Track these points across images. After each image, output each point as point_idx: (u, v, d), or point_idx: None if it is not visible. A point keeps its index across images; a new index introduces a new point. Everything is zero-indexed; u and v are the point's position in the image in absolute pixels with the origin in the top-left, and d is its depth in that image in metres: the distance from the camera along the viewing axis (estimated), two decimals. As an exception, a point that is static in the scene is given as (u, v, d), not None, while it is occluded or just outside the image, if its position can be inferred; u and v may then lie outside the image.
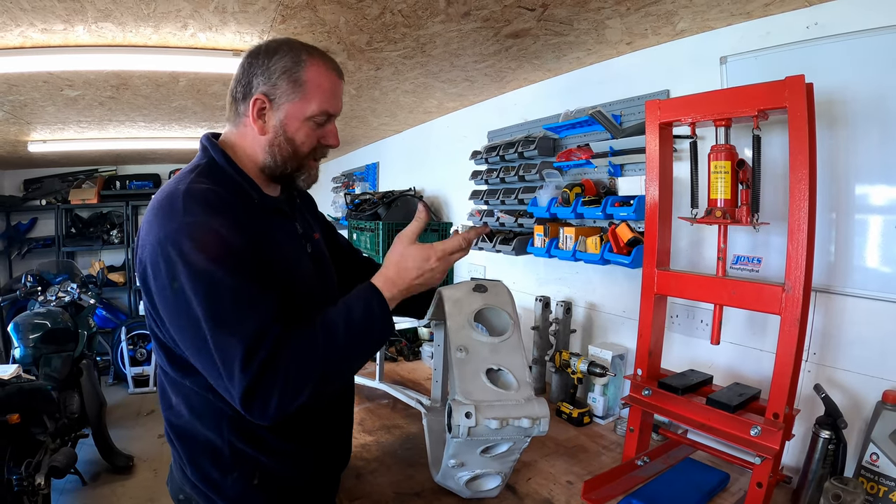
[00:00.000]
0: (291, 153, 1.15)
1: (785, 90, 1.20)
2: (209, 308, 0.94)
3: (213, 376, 0.98)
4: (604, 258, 1.92)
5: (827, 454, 1.31)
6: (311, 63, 1.12)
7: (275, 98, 1.11)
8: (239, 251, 0.99)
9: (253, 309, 0.97)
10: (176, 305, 0.97)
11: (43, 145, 4.03)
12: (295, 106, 1.12)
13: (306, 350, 0.99)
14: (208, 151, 1.14)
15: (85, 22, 1.67)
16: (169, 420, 1.16)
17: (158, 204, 1.03)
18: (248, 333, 0.94)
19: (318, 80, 1.12)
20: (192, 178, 1.06)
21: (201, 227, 0.97)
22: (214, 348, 0.94)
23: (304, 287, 1.18)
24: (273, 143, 1.14)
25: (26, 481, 2.52)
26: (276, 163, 1.15)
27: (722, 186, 1.37)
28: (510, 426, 1.10)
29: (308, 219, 1.37)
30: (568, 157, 2.15)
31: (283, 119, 1.12)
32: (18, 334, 3.41)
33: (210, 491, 1.12)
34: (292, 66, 1.10)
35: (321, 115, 1.14)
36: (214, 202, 1.02)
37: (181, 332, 1.00)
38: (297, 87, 1.11)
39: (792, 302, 1.19)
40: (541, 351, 2.20)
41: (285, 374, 0.95)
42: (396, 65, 2.21)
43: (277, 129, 1.13)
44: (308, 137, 1.15)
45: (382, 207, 3.38)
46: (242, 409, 0.95)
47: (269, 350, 0.94)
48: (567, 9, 1.59)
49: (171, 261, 0.95)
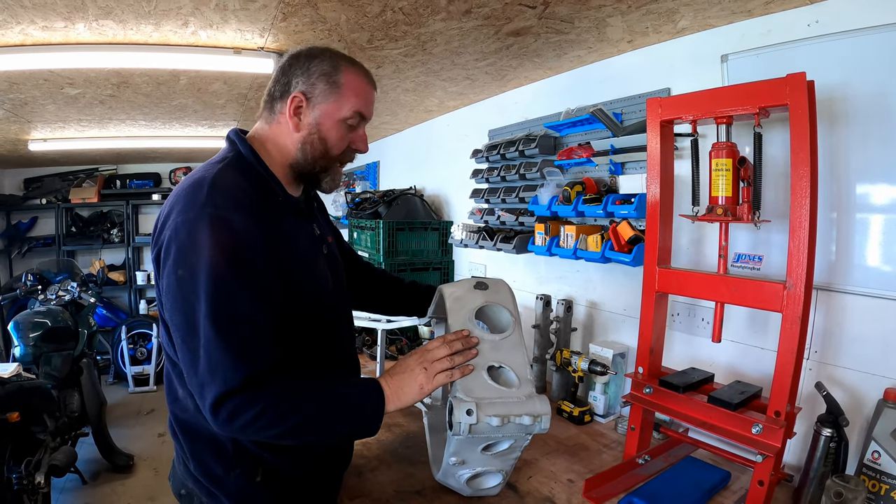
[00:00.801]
0: (322, 152, 1.18)
1: (786, 88, 1.20)
2: (210, 308, 0.95)
3: (188, 371, 0.99)
4: (605, 256, 1.91)
5: (828, 452, 1.31)
6: (349, 69, 1.17)
7: (312, 97, 1.15)
8: (254, 254, 1.01)
9: (253, 326, 0.98)
10: (175, 292, 0.98)
11: (43, 144, 4.03)
12: (331, 106, 1.15)
13: (296, 392, 1.02)
14: (236, 146, 1.15)
15: (86, 19, 1.67)
16: (174, 413, 1.16)
17: (184, 190, 1.04)
18: (243, 345, 0.96)
19: (353, 84, 1.17)
20: (220, 168, 1.07)
21: (221, 222, 0.98)
22: (204, 348, 0.95)
23: (321, 288, 1.20)
24: (306, 141, 1.16)
25: (26, 480, 2.52)
26: (306, 160, 1.18)
27: (723, 184, 1.37)
28: (511, 423, 1.10)
29: (322, 222, 1.38)
30: (569, 156, 2.15)
31: (319, 117, 1.16)
32: (19, 333, 3.41)
33: (212, 486, 1.12)
34: (331, 70, 1.15)
35: (354, 118, 1.18)
36: (239, 197, 1.03)
37: (173, 320, 1.01)
38: (335, 88, 1.15)
39: (793, 300, 1.19)
40: (542, 349, 2.20)
41: (266, 403, 0.97)
42: (397, 63, 2.21)
43: (312, 127, 1.16)
44: (340, 140, 1.19)
45: (383, 206, 3.38)
46: (208, 414, 0.97)
47: (258, 370, 0.97)
48: (568, 7, 1.59)
49: (183, 248, 0.97)
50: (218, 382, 0.94)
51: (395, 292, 1.64)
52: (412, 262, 3.20)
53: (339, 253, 1.46)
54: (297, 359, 1.09)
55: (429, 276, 3.23)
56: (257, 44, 1.95)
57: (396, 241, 3.14)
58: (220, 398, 0.94)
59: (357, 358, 1.40)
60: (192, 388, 0.99)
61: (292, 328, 1.08)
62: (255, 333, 0.99)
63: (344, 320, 1.34)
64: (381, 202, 3.41)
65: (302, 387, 1.03)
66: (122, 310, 6.25)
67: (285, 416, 0.99)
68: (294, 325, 1.09)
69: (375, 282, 1.64)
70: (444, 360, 1.17)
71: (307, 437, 1.07)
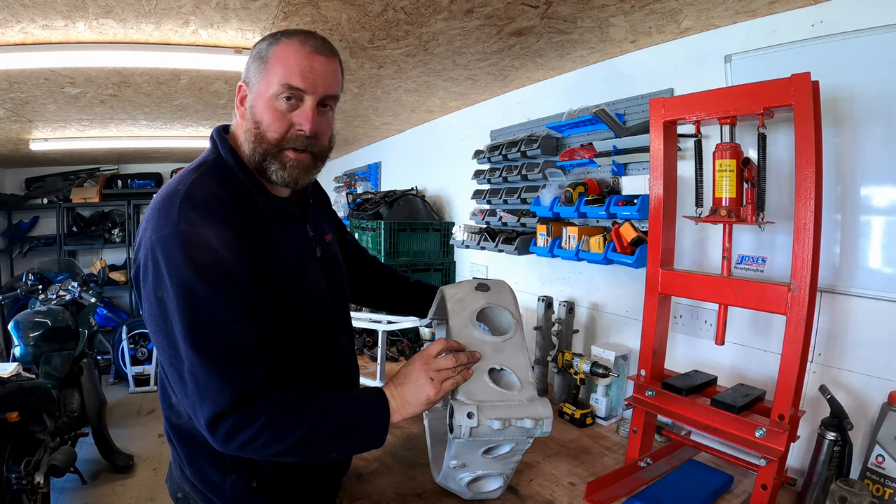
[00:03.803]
0: (258, 137, 1.06)
1: (791, 88, 1.19)
2: (189, 330, 0.92)
3: (180, 393, 0.97)
4: (607, 258, 1.90)
5: (832, 456, 1.30)
6: (283, 42, 1.04)
7: (249, 82, 1.07)
8: (231, 269, 0.96)
9: (235, 342, 0.95)
10: (156, 315, 0.95)
11: (44, 143, 4.03)
12: (261, 85, 1.05)
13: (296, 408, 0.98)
14: (217, 147, 1.10)
15: (86, 18, 1.67)
16: (169, 419, 1.14)
17: (157, 204, 1.00)
18: (228, 365, 0.93)
19: (283, 55, 1.03)
20: (194, 178, 1.02)
21: (195, 238, 0.93)
22: (189, 374, 0.92)
23: (310, 295, 1.15)
24: (248, 129, 1.07)
25: (25, 480, 2.52)
26: (251, 151, 1.07)
27: (727, 185, 1.36)
28: (513, 427, 1.09)
29: (321, 219, 1.33)
30: (571, 156, 2.14)
31: (253, 100, 1.07)
32: (19, 332, 3.40)
33: (209, 491, 1.11)
34: (265, 49, 1.05)
35: (283, 90, 1.03)
36: (214, 209, 0.98)
37: (157, 342, 0.98)
38: (263, 65, 1.05)
39: (797, 302, 1.18)
40: (543, 351, 2.19)
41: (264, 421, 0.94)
42: (399, 63, 2.20)
43: (249, 112, 1.07)
44: (275, 120, 1.05)
45: (384, 207, 3.38)
46: (206, 435, 0.95)
47: (247, 389, 0.94)
48: (571, 6, 1.58)
49: (159, 268, 0.93)
50: (208, 405, 0.92)
51: (399, 291, 1.62)
52: (413, 263, 3.19)
53: (342, 250, 1.43)
54: (293, 369, 1.05)
55: (430, 277, 3.23)
56: (258, 43, 1.95)
57: (398, 241, 3.14)
58: (212, 420, 0.92)
59: (356, 363, 1.37)
60: (186, 409, 0.98)
61: (284, 338, 1.05)
62: (239, 351, 0.95)
63: (341, 326, 1.29)
64: (383, 203, 3.41)
65: (302, 402, 0.99)
66: (122, 310, 6.25)
67: (286, 433, 0.96)
68: (286, 334, 1.05)
69: (380, 279, 1.62)
70: (450, 371, 1.13)
71: (311, 454, 1.03)
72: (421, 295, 1.59)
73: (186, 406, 0.97)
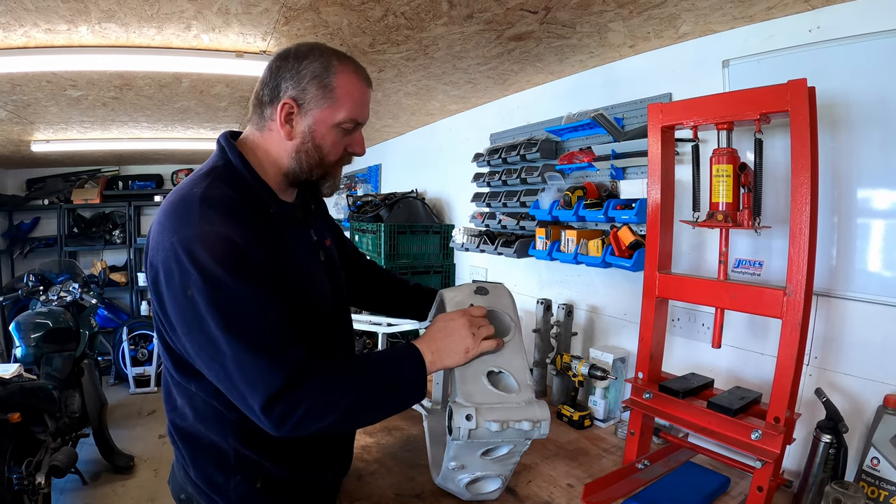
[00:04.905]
0: (318, 160, 1.13)
1: (787, 94, 1.20)
2: (228, 321, 0.93)
3: (226, 387, 0.97)
4: (605, 261, 1.91)
5: (828, 458, 1.31)
6: (342, 69, 1.09)
7: (303, 103, 1.08)
8: (258, 263, 0.98)
9: (274, 325, 0.97)
10: (189, 315, 0.95)
11: (46, 145, 4.04)
12: (324, 112, 1.09)
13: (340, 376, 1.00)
14: (225, 153, 1.11)
15: (88, 22, 1.68)
16: (173, 421, 1.15)
17: (172, 206, 1.00)
18: (272, 347, 0.94)
19: (347, 87, 1.10)
20: (208, 182, 1.03)
21: (218, 237, 0.95)
22: (234, 364, 0.93)
23: (316, 298, 1.17)
24: (300, 150, 1.11)
25: (26, 480, 2.52)
26: (301, 169, 1.13)
27: (724, 190, 1.37)
28: (511, 429, 1.10)
29: (321, 224, 1.35)
30: (570, 160, 2.15)
31: (312, 125, 1.10)
32: (20, 333, 3.41)
33: (212, 493, 1.11)
34: (322, 72, 1.08)
35: (349, 123, 1.12)
36: (232, 210, 1.00)
37: (193, 341, 0.97)
38: (327, 92, 1.08)
39: (793, 306, 1.19)
40: (542, 354, 2.20)
41: (315, 394, 0.96)
42: (399, 67, 2.21)
43: (305, 135, 1.10)
44: (335, 145, 1.13)
45: (385, 209, 3.39)
46: (261, 422, 0.96)
47: (296, 366, 0.95)
48: (570, 12, 1.59)
49: (185, 269, 0.93)
50: (260, 391, 0.93)
51: (398, 293, 1.63)
52: (413, 266, 3.20)
53: (340, 254, 1.44)
54: None
55: (430, 280, 3.24)
56: (259, 47, 1.96)
57: (398, 244, 3.15)
58: (267, 404, 0.93)
59: None
60: (235, 402, 0.97)
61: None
62: (281, 332, 0.97)
63: (342, 330, 1.31)
64: (383, 205, 3.41)
65: (344, 370, 1.02)
66: (123, 311, 6.26)
67: (337, 401, 0.98)
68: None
69: (379, 282, 1.63)
70: (488, 327, 1.19)
71: (360, 419, 1.10)
72: (420, 298, 1.59)
73: (236, 400, 0.96)
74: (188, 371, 1.06)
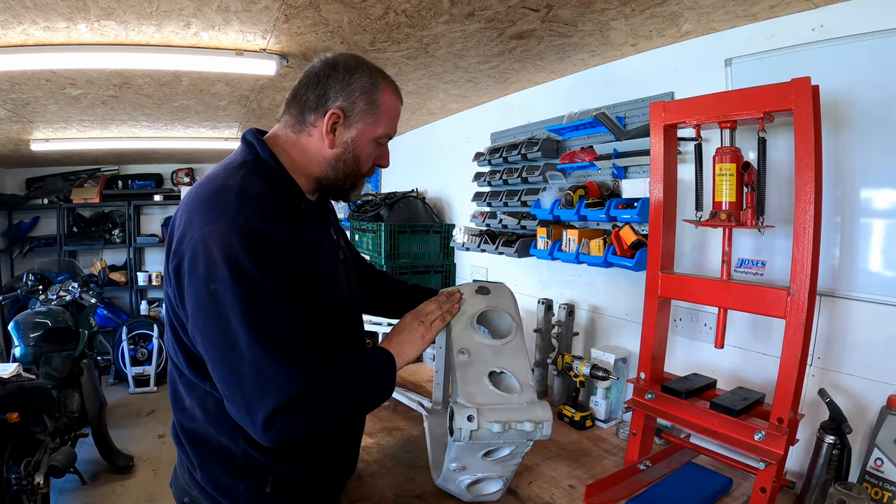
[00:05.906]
0: (354, 170, 1.18)
1: (790, 92, 1.19)
2: (253, 322, 0.92)
3: (231, 387, 0.95)
4: (607, 261, 1.91)
5: (831, 459, 1.30)
6: (385, 87, 1.16)
7: (350, 115, 1.12)
8: (289, 264, 0.99)
9: (298, 334, 0.98)
10: (208, 309, 0.94)
11: (45, 144, 4.03)
12: (367, 126, 1.15)
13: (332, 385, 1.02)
14: (254, 148, 1.11)
15: (87, 20, 1.67)
16: (181, 422, 1.13)
17: (206, 197, 1.00)
18: (294, 355, 0.95)
19: (389, 104, 1.17)
20: (242, 174, 1.03)
21: (255, 233, 0.95)
22: (250, 365, 0.92)
23: (340, 296, 1.21)
24: (339, 159, 1.15)
25: (25, 480, 2.51)
26: (336, 176, 1.17)
27: (727, 189, 1.36)
28: (512, 430, 1.10)
29: (336, 225, 1.37)
30: (571, 159, 2.14)
31: (356, 136, 1.14)
32: (19, 333, 3.40)
33: (220, 496, 1.10)
34: (371, 88, 1.13)
35: (385, 138, 1.19)
36: (268, 205, 1.01)
37: (205, 337, 0.96)
38: (373, 108, 1.14)
39: (797, 306, 1.19)
40: (543, 354, 2.20)
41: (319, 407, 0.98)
42: (400, 65, 2.20)
43: (347, 146, 1.14)
44: (369, 157, 1.19)
45: (385, 209, 3.38)
46: (259, 428, 0.94)
47: (309, 379, 0.96)
48: (571, 10, 1.58)
49: (213, 261, 0.92)
50: (272, 396, 0.92)
51: (398, 295, 1.63)
52: (414, 265, 3.19)
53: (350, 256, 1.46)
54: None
55: (430, 280, 3.23)
56: (259, 45, 1.95)
57: (398, 243, 3.14)
58: (275, 412, 0.92)
59: None
60: (233, 404, 0.96)
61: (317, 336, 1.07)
62: (302, 343, 0.98)
63: (355, 326, 1.34)
64: (383, 205, 3.41)
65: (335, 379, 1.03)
66: (123, 310, 6.24)
67: (327, 416, 1.02)
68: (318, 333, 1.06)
69: (379, 285, 1.63)
70: (436, 311, 1.28)
71: (345, 422, 1.15)
72: (419, 298, 1.59)
73: (237, 402, 0.95)
74: (203, 369, 1.03)
